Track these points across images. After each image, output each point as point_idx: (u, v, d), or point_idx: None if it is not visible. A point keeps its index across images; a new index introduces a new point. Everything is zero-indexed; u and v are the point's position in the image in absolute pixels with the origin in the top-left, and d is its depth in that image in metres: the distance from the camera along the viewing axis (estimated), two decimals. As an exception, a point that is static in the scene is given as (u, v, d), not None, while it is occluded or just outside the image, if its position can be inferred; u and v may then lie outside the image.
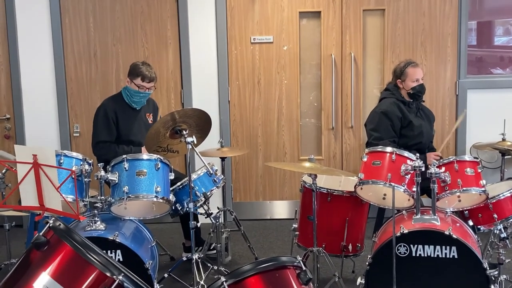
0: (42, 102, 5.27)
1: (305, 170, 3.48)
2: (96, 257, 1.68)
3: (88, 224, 3.30)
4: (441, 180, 3.28)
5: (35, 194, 2.83)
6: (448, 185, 3.30)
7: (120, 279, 1.66)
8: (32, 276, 1.66)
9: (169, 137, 3.69)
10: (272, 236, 5.00)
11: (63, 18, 5.19)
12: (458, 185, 3.28)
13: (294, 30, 5.23)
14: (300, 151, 5.40)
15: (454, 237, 3.07)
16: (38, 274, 1.65)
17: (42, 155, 2.77)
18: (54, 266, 1.68)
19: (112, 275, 1.67)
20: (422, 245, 3.13)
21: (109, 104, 4.24)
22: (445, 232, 3.09)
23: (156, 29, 5.22)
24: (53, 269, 1.67)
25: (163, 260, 4.46)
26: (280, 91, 5.32)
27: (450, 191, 3.30)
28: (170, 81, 5.28)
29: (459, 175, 3.29)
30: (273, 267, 2.10)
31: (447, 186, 3.30)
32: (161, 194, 3.36)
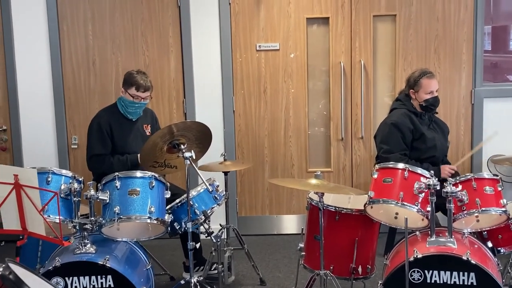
0: (39, 112, 5.08)
1: (311, 188, 3.24)
2: None
3: (77, 246, 3.08)
4: (458, 200, 3.03)
5: (17, 216, 2.62)
6: (466, 205, 3.04)
7: None
8: None
9: (167, 152, 3.48)
10: (279, 254, 4.76)
11: (61, 26, 5.00)
12: (477, 205, 3.03)
13: (301, 37, 5.00)
14: (308, 162, 5.16)
15: (473, 262, 2.82)
16: None
17: (24, 175, 2.57)
18: None
19: None
20: (438, 270, 2.88)
21: (103, 115, 4.03)
22: (463, 257, 2.83)
23: (157, 37, 5.01)
24: None
25: (162, 280, 4.25)
26: (287, 100, 5.08)
27: (467, 211, 3.05)
28: (172, 91, 5.06)
29: (477, 194, 3.04)
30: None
31: (465, 206, 3.05)
32: (155, 215, 3.13)
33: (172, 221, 3.56)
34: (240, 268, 4.46)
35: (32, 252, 3.64)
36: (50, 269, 2.93)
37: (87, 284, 2.96)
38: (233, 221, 5.17)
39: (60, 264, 2.94)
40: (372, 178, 3.27)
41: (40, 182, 3.06)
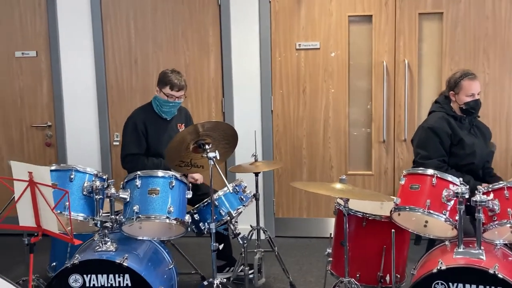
0: (83, 110, 5.18)
1: (335, 193, 3.12)
2: None
3: (98, 244, 3.10)
4: (489, 209, 2.84)
5: (32, 213, 2.66)
6: (497, 215, 2.85)
7: None
8: None
9: (192, 151, 3.44)
10: (313, 257, 4.65)
11: (105, 25, 5.08)
12: (509, 215, 2.83)
13: (342, 36, 4.87)
14: (347, 164, 5.03)
15: (500, 276, 2.63)
16: None
17: (38, 173, 2.60)
18: None
19: None
20: (463, 283, 2.71)
21: (138, 115, 4.05)
22: (490, 270, 2.65)
23: (197, 36, 5.01)
24: None
25: (194, 279, 4.24)
26: (326, 100, 4.97)
27: (499, 221, 2.85)
28: (211, 90, 5.05)
29: (510, 204, 2.84)
30: None
31: (496, 216, 2.86)
32: (174, 215, 3.11)
33: (198, 220, 3.55)
34: (272, 270, 4.39)
35: (62, 248, 3.72)
36: (69, 266, 2.95)
37: (105, 282, 2.97)
38: (269, 223, 5.12)
39: (78, 261, 2.96)
40: (400, 184, 3.12)
41: (63, 179, 3.12)
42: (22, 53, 5.18)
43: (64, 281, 2.97)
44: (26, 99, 5.25)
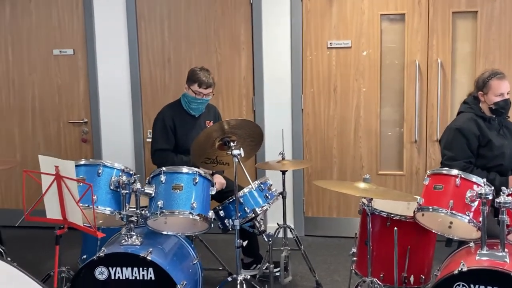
0: (118, 107, 5.29)
1: (358, 192, 3.11)
2: None
3: (123, 238, 3.17)
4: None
5: (58, 206, 2.74)
6: (522, 217, 2.80)
7: None
8: None
9: (218, 149, 3.49)
10: (341, 257, 4.64)
11: (139, 23, 5.18)
12: (534, 218, 2.77)
13: (374, 34, 4.84)
14: (379, 165, 4.99)
15: (524, 280, 2.58)
16: None
17: (63, 167, 2.68)
18: None
19: None
20: (485, 286, 2.66)
21: (167, 111, 4.13)
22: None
23: (229, 34, 5.05)
24: None
25: (221, 275, 4.28)
26: (358, 99, 4.94)
27: (524, 224, 2.80)
28: (242, 88, 5.09)
29: (536, 206, 2.77)
30: None
31: (521, 218, 2.80)
32: (197, 211, 3.15)
33: (223, 217, 3.59)
34: (299, 269, 4.40)
35: (92, 242, 3.82)
36: (95, 258, 3.03)
37: (130, 275, 3.03)
38: (299, 222, 5.13)
39: (104, 254, 3.03)
40: (424, 184, 3.09)
41: (92, 174, 3.21)
42: (60, 51, 5.32)
43: (91, 273, 3.04)
44: (64, 96, 5.39)
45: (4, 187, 5.58)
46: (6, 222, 4.99)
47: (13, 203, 5.57)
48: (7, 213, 5.30)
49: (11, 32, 5.36)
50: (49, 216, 2.78)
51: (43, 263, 4.43)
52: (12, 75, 5.43)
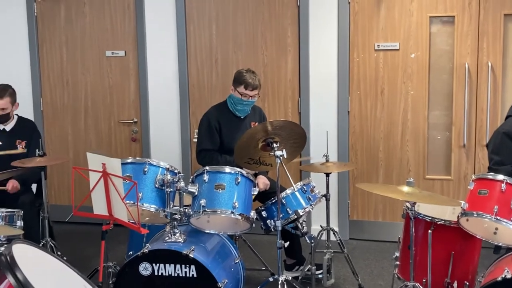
0: (166, 107, 5.40)
1: (401, 196, 3.08)
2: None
3: (167, 235, 3.25)
4: (562, 219, 2.71)
5: (105, 203, 2.83)
6: None
7: None
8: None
9: (261, 149, 3.52)
10: (386, 261, 4.59)
11: (188, 26, 5.27)
12: None
13: (423, 37, 4.77)
14: (426, 169, 4.92)
15: None
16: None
17: (110, 164, 2.77)
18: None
19: None
20: (530, 294, 2.60)
21: (213, 112, 4.19)
22: (559, 283, 2.53)
23: (276, 37, 5.08)
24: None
25: (264, 275, 4.30)
26: (405, 102, 4.88)
27: None
28: (287, 90, 5.11)
29: None
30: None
31: None
32: (238, 210, 3.20)
33: (265, 218, 3.63)
34: (342, 272, 4.39)
35: (139, 239, 3.92)
36: (139, 254, 3.12)
37: (172, 271, 3.10)
38: (343, 225, 5.11)
39: (148, 250, 3.11)
40: (468, 189, 3.04)
41: (138, 172, 3.29)
42: (112, 53, 5.47)
43: (135, 268, 3.13)
44: (115, 96, 5.54)
45: (57, 184, 5.77)
46: (58, 217, 5.16)
47: (65, 200, 5.76)
48: (59, 209, 5.48)
49: (66, 33, 5.55)
50: (96, 212, 2.87)
51: (92, 258, 4.56)
52: (66, 75, 5.62)
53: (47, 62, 5.65)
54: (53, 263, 1.87)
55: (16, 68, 5.65)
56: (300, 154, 4.62)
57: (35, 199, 4.39)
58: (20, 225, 3.73)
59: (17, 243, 1.76)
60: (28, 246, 1.85)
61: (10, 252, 1.62)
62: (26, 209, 4.01)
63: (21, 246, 1.79)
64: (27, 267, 1.57)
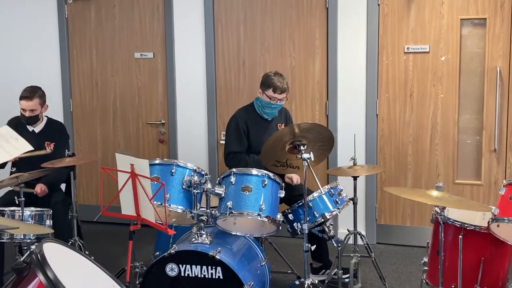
0: (194, 109, 5.42)
1: (430, 200, 3.04)
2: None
3: (194, 236, 3.26)
4: None
5: (133, 203, 2.85)
6: None
7: None
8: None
9: (288, 152, 3.51)
10: (414, 267, 4.53)
11: (216, 28, 5.28)
12: None
13: (454, 39, 4.71)
14: (455, 173, 4.84)
15: None
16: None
17: (138, 165, 2.78)
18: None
19: None
20: None
21: (241, 114, 4.19)
22: None
23: (304, 39, 5.06)
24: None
25: (290, 279, 4.29)
26: (435, 105, 4.82)
27: None
28: (315, 92, 5.08)
29: None
30: None
31: None
32: (265, 213, 3.19)
33: (292, 220, 3.61)
34: (369, 276, 4.35)
35: (165, 240, 3.94)
36: (166, 255, 3.13)
37: (199, 273, 3.11)
38: (371, 229, 5.06)
39: (175, 251, 3.13)
40: (499, 194, 2.98)
41: (165, 173, 3.32)
42: (141, 54, 5.52)
43: (162, 269, 3.15)
44: (143, 98, 5.58)
45: (85, 184, 5.84)
46: (86, 217, 5.21)
47: (93, 200, 5.82)
48: (87, 209, 5.54)
49: (96, 35, 5.62)
50: (124, 212, 2.89)
51: (119, 257, 4.60)
52: (95, 76, 5.68)
53: (77, 63, 5.72)
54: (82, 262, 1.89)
55: (47, 70, 5.74)
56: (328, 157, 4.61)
57: (66, 198, 4.45)
58: (49, 224, 3.78)
59: (47, 241, 1.79)
60: (59, 245, 1.87)
61: (41, 251, 1.64)
62: (58, 208, 4.08)
63: (52, 244, 1.81)
64: (57, 265, 1.59)
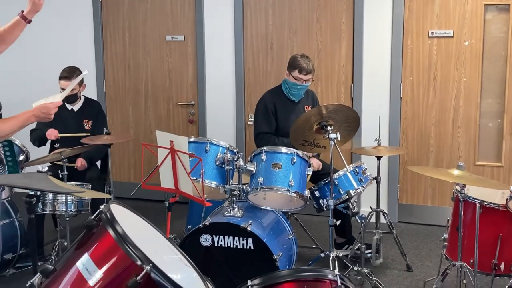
0: (222, 91, 5.61)
1: (452, 178, 3.21)
2: (131, 248, 1.79)
3: (227, 210, 3.47)
4: None
5: (172, 177, 3.07)
6: None
7: (147, 269, 1.76)
8: (79, 253, 1.85)
9: (315, 132, 3.69)
10: (434, 244, 4.70)
11: (245, 12, 5.44)
12: None
13: (477, 24, 4.82)
14: (477, 155, 4.98)
15: None
16: (83, 253, 1.83)
17: (177, 142, 2.99)
18: (94, 248, 1.84)
19: (142, 264, 1.77)
20: None
21: (269, 96, 4.37)
22: None
23: (331, 22, 5.21)
24: (93, 250, 1.83)
25: (314, 253, 4.49)
26: (458, 89, 4.95)
27: None
28: (341, 75, 5.24)
29: None
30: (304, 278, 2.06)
31: None
32: (294, 188, 3.39)
33: (318, 197, 3.80)
34: (390, 252, 4.52)
35: (197, 214, 4.17)
36: (200, 226, 3.35)
37: (231, 243, 3.32)
38: (393, 208, 5.23)
39: (209, 223, 3.34)
40: (518, 173, 3.14)
41: (200, 150, 3.52)
42: (172, 37, 5.71)
43: (197, 239, 3.36)
44: (174, 79, 5.79)
45: (118, 162, 6.08)
46: (120, 194, 5.44)
47: (125, 177, 6.07)
48: (120, 186, 5.77)
49: (129, 18, 5.82)
50: (164, 185, 3.11)
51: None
52: (128, 58, 5.90)
53: (110, 45, 5.94)
54: (141, 223, 2.11)
55: (81, 51, 5.96)
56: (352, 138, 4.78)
57: (101, 174, 4.69)
58: (88, 198, 4.02)
59: (113, 203, 2.01)
60: (122, 207, 2.09)
61: (110, 210, 1.87)
62: (94, 184, 4.31)
63: (117, 206, 2.04)
64: (124, 224, 1.82)
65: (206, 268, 2.87)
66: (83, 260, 1.79)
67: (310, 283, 2.06)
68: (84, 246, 1.85)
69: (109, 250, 1.78)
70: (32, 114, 2.67)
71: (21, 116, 2.66)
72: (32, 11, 2.94)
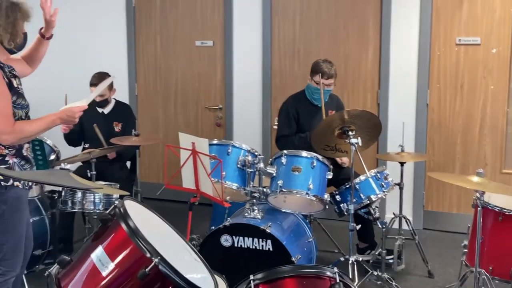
0: (250, 95, 5.69)
1: (471, 185, 3.20)
2: (141, 241, 1.89)
3: (247, 211, 3.54)
4: None
5: (193, 178, 3.15)
6: None
7: (156, 261, 1.85)
8: (94, 246, 1.95)
9: (337, 137, 3.73)
10: (457, 252, 4.64)
11: (273, 18, 5.52)
12: None
13: (506, 32, 4.79)
14: (503, 163, 4.95)
15: None
16: (97, 245, 1.93)
17: (199, 144, 3.08)
18: (108, 241, 1.94)
19: (151, 256, 1.87)
20: None
21: (291, 101, 4.45)
22: None
23: (358, 28, 5.24)
24: (107, 243, 1.93)
25: (336, 257, 4.51)
26: (485, 97, 4.92)
27: None
28: (367, 81, 5.26)
29: None
30: (304, 275, 2.14)
31: None
32: (313, 192, 3.44)
33: (339, 201, 3.84)
34: (412, 258, 4.52)
35: (220, 215, 4.26)
36: (221, 227, 3.42)
37: (250, 244, 3.39)
38: (418, 215, 5.22)
39: (229, 224, 3.42)
40: (538, 181, 3.13)
41: (222, 153, 3.60)
42: (201, 42, 5.83)
43: (217, 239, 3.44)
44: (202, 83, 5.89)
45: (147, 163, 6.22)
46: (148, 194, 5.57)
47: (153, 178, 6.20)
48: (150, 186, 5.90)
49: (160, 23, 5.96)
50: (185, 186, 3.20)
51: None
52: (159, 62, 6.04)
53: (142, 50, 6.08)
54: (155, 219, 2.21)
55: (115, 56, 6.12)
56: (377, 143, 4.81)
57: (130, 175, 4.81)
58: (117, 196, 4.14)
59: (128, 199, 2.11)
60: (136, 203, 2.20)
61: (123, 205, 1.97)
62: (122, 184, 4.44)
63: (131, 202, 2.14)
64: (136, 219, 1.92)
65: (226, 268, 2.96)
66: (97, 252, 1.90)
67: (310, 279, 2.12)
68: (99, 239, 1.96)
69: (121, 243, 1.89)
70: (57, 116, 2.78)
71: (47, 118, 2.76)
72: (48, 28, 3.01)
